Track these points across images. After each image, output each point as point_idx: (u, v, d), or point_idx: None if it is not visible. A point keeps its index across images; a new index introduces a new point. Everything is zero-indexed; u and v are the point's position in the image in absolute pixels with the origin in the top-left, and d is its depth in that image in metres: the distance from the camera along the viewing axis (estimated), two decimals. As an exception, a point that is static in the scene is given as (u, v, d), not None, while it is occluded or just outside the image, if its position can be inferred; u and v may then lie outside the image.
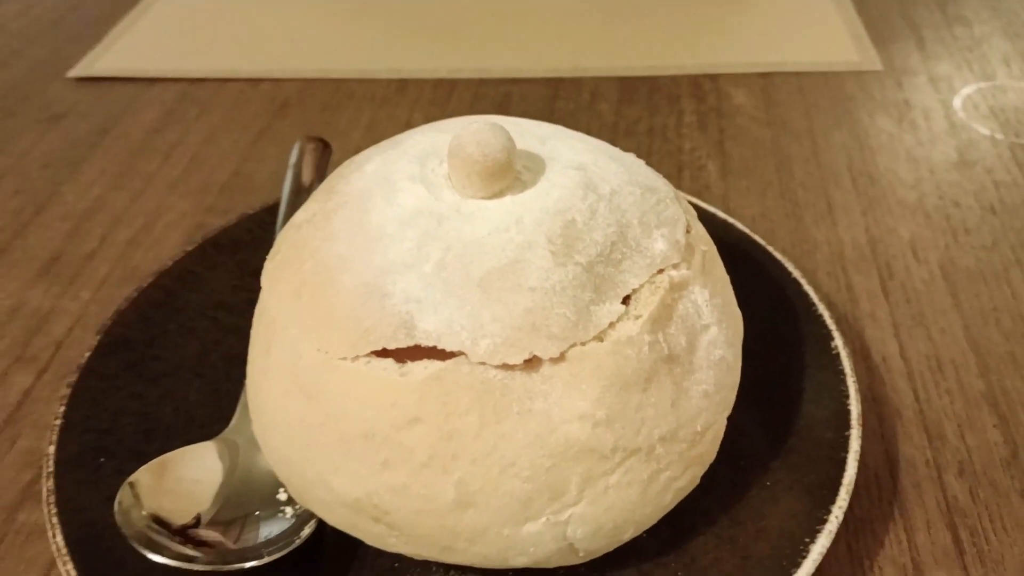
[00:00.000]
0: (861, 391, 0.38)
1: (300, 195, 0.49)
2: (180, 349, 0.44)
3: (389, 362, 0.30)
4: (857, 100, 0.64)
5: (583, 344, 0.30)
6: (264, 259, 0.36)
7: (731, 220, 0.47)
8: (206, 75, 0.71)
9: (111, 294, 0.51)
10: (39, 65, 0.73)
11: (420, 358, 0.30)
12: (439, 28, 0.76)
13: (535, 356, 0.30)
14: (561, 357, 0.30)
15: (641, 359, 0.31)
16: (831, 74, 0.67)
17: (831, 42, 0.70)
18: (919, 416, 0.42)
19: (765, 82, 0.66)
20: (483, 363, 0.30)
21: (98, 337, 0.43)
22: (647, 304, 0.32)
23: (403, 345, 0.30)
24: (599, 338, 0.31)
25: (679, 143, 0.60)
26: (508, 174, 0.32)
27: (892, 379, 0.44)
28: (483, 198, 0.32)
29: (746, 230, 0.46)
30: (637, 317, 0.31)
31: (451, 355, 0.30)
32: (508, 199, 0.32)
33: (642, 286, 0.32)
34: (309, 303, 0.32)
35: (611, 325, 0.31)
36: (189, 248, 0.48)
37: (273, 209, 0.49)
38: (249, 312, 0.37)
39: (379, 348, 0.30)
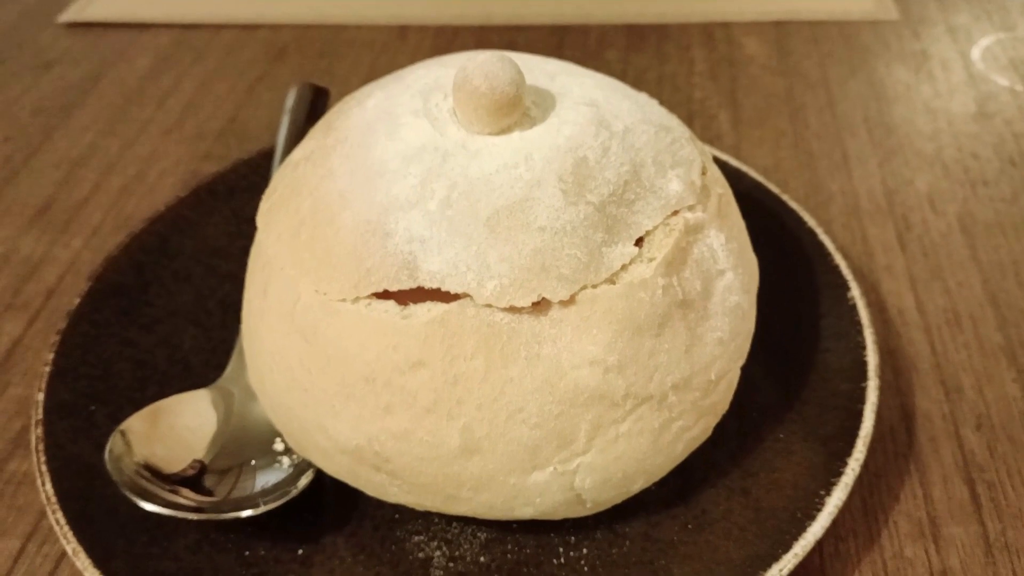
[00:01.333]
0: (877, 344, 0.37)
1: (296, 140, 0.47)
2: (174, 296, 0.43)
3: (391, 304, 0.29)
4: (873, 50, 0.62)
5: (594, 286, 0.29)
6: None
7: (743, 168, 0.45)
8: (201, 21, 0.69)
9: (104, 242, 0.49)
10: (30, 11, 0.71)
11: (423, 300, 0.29)
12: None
13: (544, 298, 0.28)
14: (571, 300, 0.29)
15: (654, 303, 0.29)
16: (846, 23, 0.65)
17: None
18: (936, 370, 0.41)
19: (779, 31, 0.64)
20: (489, 305, 0.28)
21: (89, 283, 0.41)
22: (661, 247, 0.30)
23: (406, 287, 0.29)
24: (611, 280, 0.29)
25: (689, 92, 0.59)
26: (517, 109, 0.31)
27: (908, 332, 0.42)
28: (490, 134, 0.31)
29: (759, 178, 0.45)
30: (651, 260, 0.30)
31: (456, 297, 0.28)
32: (516, 135, 0.31)
33: (656, 228, 0.31)
34: (308, 243, 0.31)
35: (623, 267, 0.29)
36: (183, 194, 0.46)
37: (269, 154, 0.48)
38: (245, 259, 0.36)
39: (380, 290, 0.29)
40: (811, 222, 0.42)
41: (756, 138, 0.55)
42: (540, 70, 0.34)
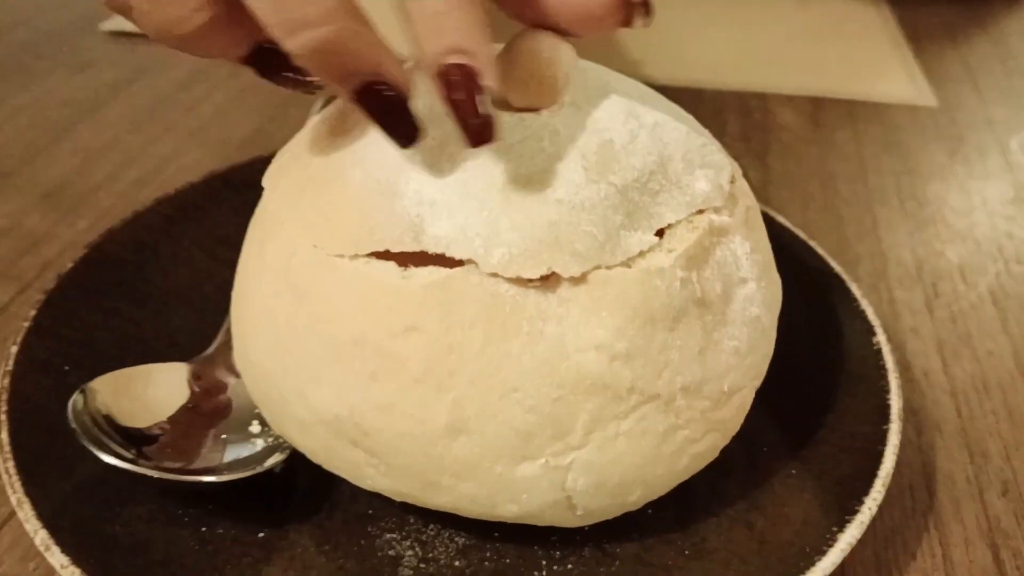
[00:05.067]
0: (901, 388, 0.34)
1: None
2: (171, 275, 0.41)
3: (391, 265, 0.27)
4: (909, 131, 0.61)
5: (608, 268, 0.27)
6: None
7: (772, 213, 0.44)
8: (242, 41, 0.69)
9: (109, 225, 0.48)
10: (77, 18, 0.72)
11: (426, 265, 0.27)
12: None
13: (554, 273, 0.27)
14: (582, 278, 0.27)
15: (671, 294, 0.28)
16: (884, 105, 0.64)
17: (886, 77, 0.68)
18: (961, 433, 0.38)
19: (814, 106, 0.64)
20: (495, 275, 0.26)
21: (85, 251, 0.40)
22: (683, 240, 0.29)
23: (409, 249, 0.27)
24: (626, 264, 0.27)
25: (720, 150, 0.58)
26: (552, 89, 0.30)
27: (934, 394, 0.40)
28: (520, 109, 0.30)
29: (788, 224, 0.43)
30: (671, 251, 0.28)
31: (460, 264, 0.27)
32: (546, 113, 0.29)
33: (679, 223, 0.29)
34: (312, 198, 0.29)
35: (641, 253, 0.28)
36: (195, 181, 0.45)
37: (290, 154, 0.47)
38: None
39: (382, 249, 0.27)
40: (838, 268, 0.41)
41: (784, 198, 0.53)
42: (589, 68, 0.33)
